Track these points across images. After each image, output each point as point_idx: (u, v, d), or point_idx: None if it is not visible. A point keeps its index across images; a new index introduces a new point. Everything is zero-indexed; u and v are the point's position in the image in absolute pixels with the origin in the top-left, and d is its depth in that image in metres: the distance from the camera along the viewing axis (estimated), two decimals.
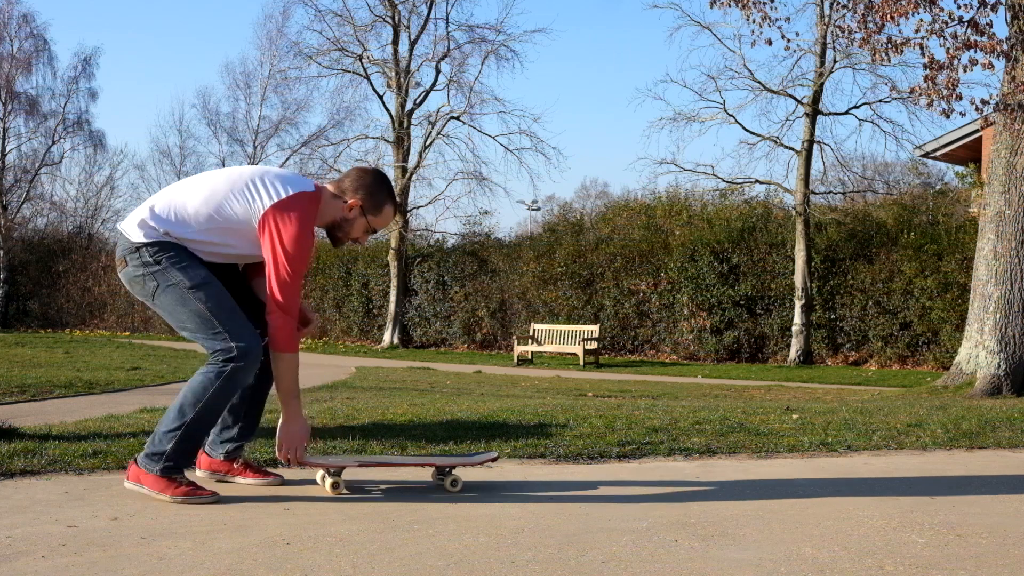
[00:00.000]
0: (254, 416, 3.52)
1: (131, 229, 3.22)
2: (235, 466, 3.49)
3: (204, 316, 3.14)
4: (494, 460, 3.70)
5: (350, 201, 3.31)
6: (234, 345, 3.12)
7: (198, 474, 3.50)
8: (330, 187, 3.35)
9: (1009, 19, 10.42)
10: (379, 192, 3.34)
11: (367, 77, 23.00)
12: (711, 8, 11.49)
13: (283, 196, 3.17)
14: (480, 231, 23.74)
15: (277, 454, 3.25)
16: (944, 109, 10.46)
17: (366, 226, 3.36)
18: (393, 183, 3.23)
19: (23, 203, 31.88)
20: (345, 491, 3.38)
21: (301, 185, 3.24)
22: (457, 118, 22.64)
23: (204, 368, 3.18)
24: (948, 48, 10.28)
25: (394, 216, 3.44)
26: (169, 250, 3.18)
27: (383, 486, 3.56)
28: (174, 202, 3.22)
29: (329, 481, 3.35)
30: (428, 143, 22.77)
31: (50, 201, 34.06)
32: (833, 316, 17.93)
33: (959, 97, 10.44)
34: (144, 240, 3.18)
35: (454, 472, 3.48)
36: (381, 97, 23.20)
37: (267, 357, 3.29)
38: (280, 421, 3.23)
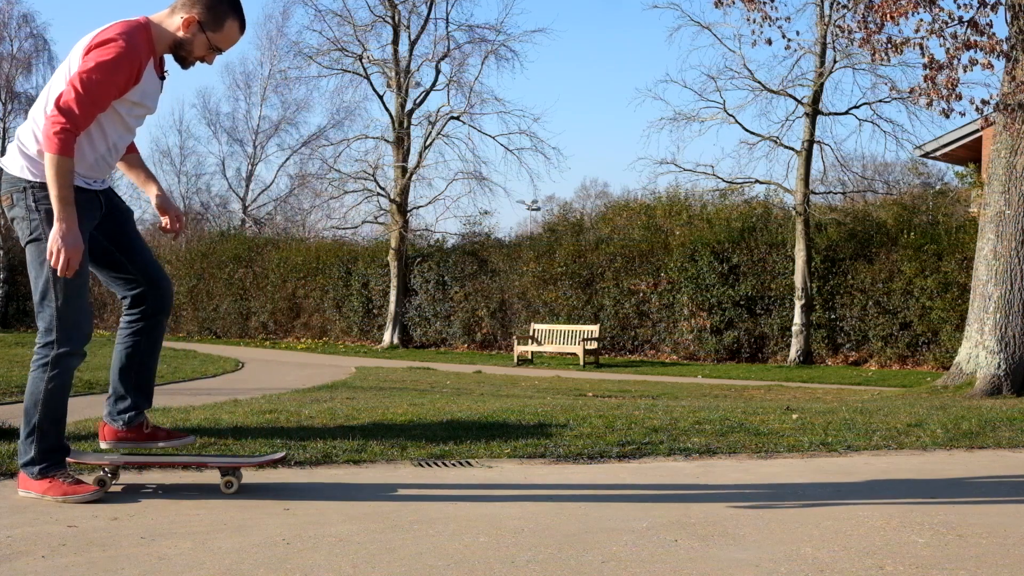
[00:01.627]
0: (146, 383, 3.42)
1: (12, 163, 3.13)
2: (144, 431, 3.41)
3: (48, 287, 3.06)
4: (279, 461, 3.56)
5: (185, 17, 3.12)
6: (55, 339, 3.08)
7: (103, 445, 3.44)
8: (166, 11, 3.17)
9: (1009, 19, 10.42)
10: (218, 5, 3.14)
11: (367, 77, 23.00)
12: (715, 7, 11.42)
13: (103, 34, 3.03)
14: (480, 231, 23.74)
15: (49, 260, 3.01)
16: (944, 109, 10.46)
17: (207, 43, 3.17)
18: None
19: None
20: (114, 489, 3.28)
21: (124, 22, 3.10)
22: (457, 118, 22.64)
23: (32, 365, 3.15)
24: (948, 48, 10.28)
25: (240, 32, 3.21)
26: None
27: (155, 486, 3.52)
28: (37, 123, 3.08)
29: (93, 477, 3.25)
30: (428, 143, 22.76)
31: None
32: (833, 316, 17.92)
33: (959, 97, 10.43)
34: (30, 179, 3.08)
35: (238, 473, 3.35)
36: (381, 97, 23.20)
37: (156, 329, 3.29)
38: (53, 228, 2.98)
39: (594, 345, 18.04)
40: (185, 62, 3.23)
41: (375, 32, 23.05)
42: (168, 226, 3.47)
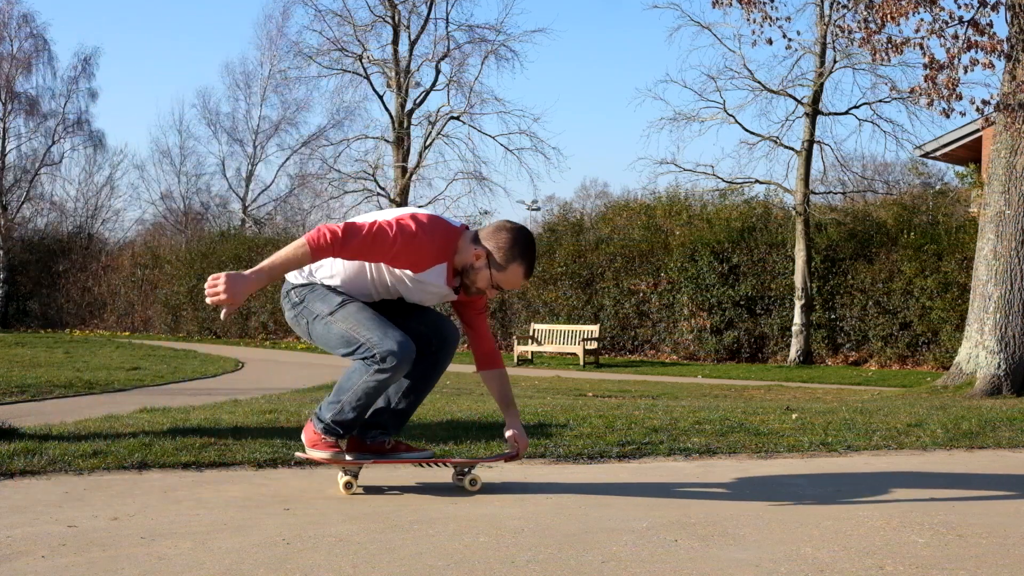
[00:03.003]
0: (406, 409, 3.57)
1: (289, 276, 3.42)
2: (387, 447, 3.57)
3: (346, 337, 3.26)
4: (512, 457, 3.65)
5: (477, 250, 3.28)
6: (377, 353, 3.20)
7: (347, 457, 3.57)
8: (482, 233, 3.33)
9: (1009, 19, 10.42)
10: (510, 248, 3.27)
11: (367, 77, 23.01)
12: (713, 7, 11.44)
13: (422, 213, 3.27)
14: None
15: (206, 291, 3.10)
16: (944, 109, 10.46)
17: (489, 279, 3.29)
18: (532, 244, 3.27)
19: (23, 203, 31.89)
20: (359, 491, 3.40)
21: (445, 219, 3.33)
22: (457, 118, 22.65)
23: (361, 362, 3.29)
24: (948, 48, 10.28)
25: (525, 278, 3.34)
26: (313, 290, 3.37)
27: (398, 488, 3.56)
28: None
29: (343, 480, 3.39)
30: (428, 143, 22.77)
31: (50, 201, 34.09)
32: (833, 316, 17.92)
33: (959, 97, 10.43)
34: (292, 283, 3.42)
35: (473, 471, 3.50)
36: (381, 97, 23.22)
37: (428, 365, 3.46)
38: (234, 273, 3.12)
39: (594, 345, 18.04)
40: (467, 289, 3.36)
41: (375, 32, 23.09)
42: (510, 449, 3.58)
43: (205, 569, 2.36)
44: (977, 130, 16.71)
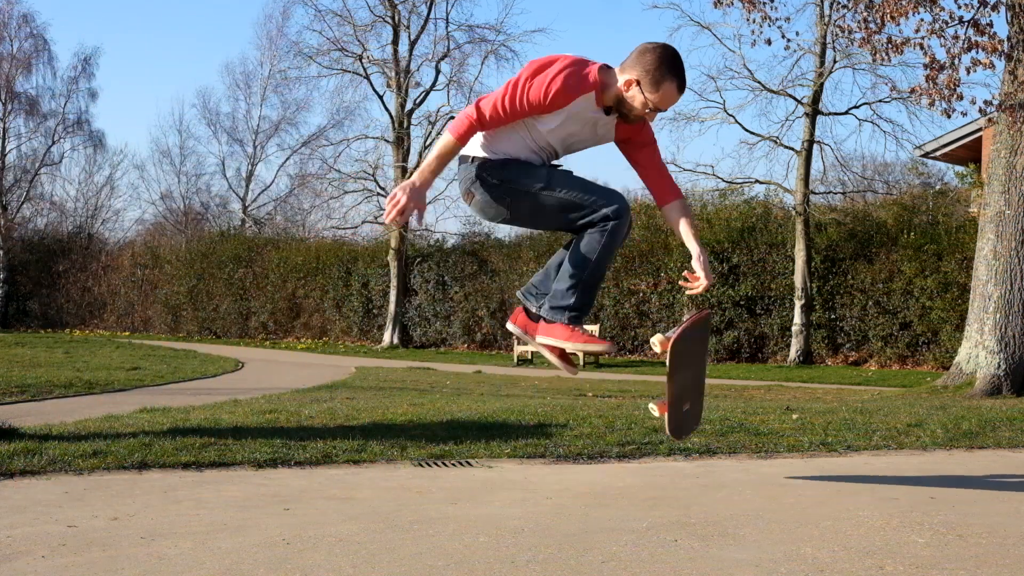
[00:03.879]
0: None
1: (472, 158, 3.38)
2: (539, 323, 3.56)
3: (567, 202, 3.30)
4: None
5: (626, 78, 3.26)
6: (607, 211, 3.26)
7: (509, 327, 3.64)
8: (624, 64, 3.31)
9: (1009, 18, 10.41)
10: (657, 68, 3.23)
11: (367, 77, 23.01)
12: (714, 8, 11.44)
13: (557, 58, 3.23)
14: (480, 231, 23.75)
15: (388, 204, 3.23)
16: (945, 109, 10.46)
17: (645, 103, 3.27)
18: (678, 59, 3.23)
19: (23, 203, 31.91)
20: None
21: (582, 59, 3.28)
22: None
23: (587, 233, 3.32)
24: (949, 48, 10.28)
25: (679, 93, 3.29)
26: (504, 167, 3.33)
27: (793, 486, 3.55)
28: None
29: (658, 338, 3.38)
30: (428, 143, 22.76)
31: (50, 201, 34.11)
32: (833, 316, 17.92)
33: (960, 97, 10.43)
34: (479, 162, 3.35)
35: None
36: (381, 97, 23.22)
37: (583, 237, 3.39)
38: (405, 181, 3.27)
39: None
40: (627, 117, 3.36)
41: (375, 32, 23.09)
42: (694, 282, 3.50)
43: (205, 569, 2.36)
44: (977, 130, 16.71)
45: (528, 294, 3.62)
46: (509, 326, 3.66)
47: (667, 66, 3.23)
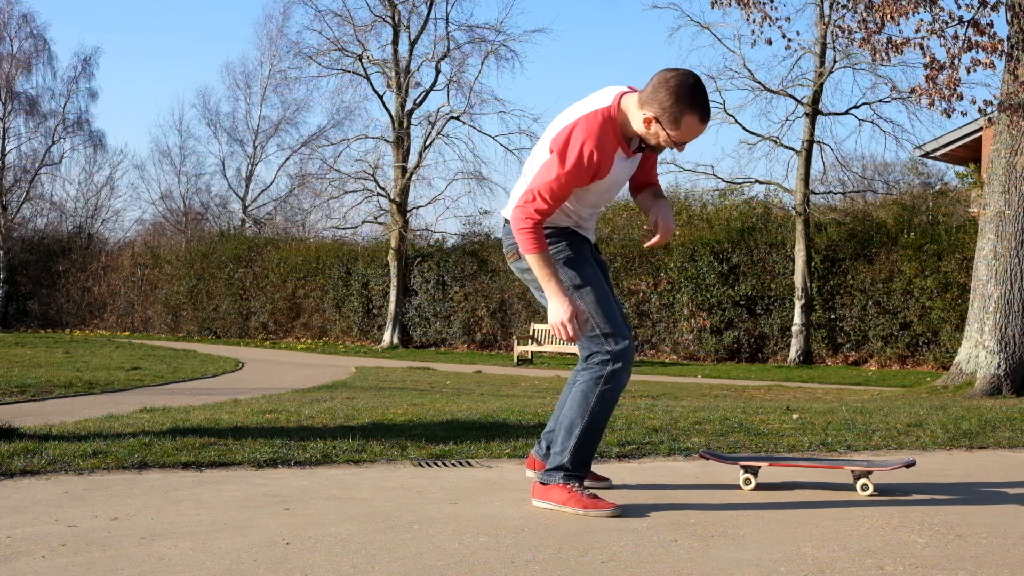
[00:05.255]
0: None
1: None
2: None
3: (584, 314, 3.16)
4: (909, 466, 3.61)
5: (645, 116, 3.06)
6: (609, 350, 3.14)
7: (528, 475, 3.52)
8: (639, 97, 3.09)
9: (1009, 18, 10.41)
10: (674, 104, 3.01)
11: (367, 77, 23.00)
12: (712, 8, 11.45)
13: (568, 123, 3.10)
14: (480, 231, 23.76)
15: (555, 334, 3.14)
16: (945, 109, 10.46)
17: (668, 139, 3.08)
18: (698, 88, 3.01)
19: (23, 203, 31.91)
20: (756, 488, 3.54)
21: (594, 104, 3.12)
22: (457, 118, 22.64)
23: (582, 377, 3.19)
24: (949, 48, 10.28)
25: (702, 124, 3.07)
26: (553, 239, 3.19)
27: (796, 487, 3.55)
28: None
29: (743, 477, 3.56)
30: (428, 143, 22.77)
31: (50, 201, 34.13)
32: (833, 316, 17.92)
33: (960, 97, 10.43)
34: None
35: (868, 478, 3.51)
36: (381, 97, 23.21)
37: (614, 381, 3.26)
38: (550, 306, 3.14)
39: None
40: (654, 149, 3.21)
41: (375, 32, 23.09)
42: (651, 229, 3.37)
43: (205, 569, 2.36)
44: (977, 130, 16.71)
45: (540, 439, 3.54)
46: (528, 473, 3.52)
47: (685, 100, 3.01)
